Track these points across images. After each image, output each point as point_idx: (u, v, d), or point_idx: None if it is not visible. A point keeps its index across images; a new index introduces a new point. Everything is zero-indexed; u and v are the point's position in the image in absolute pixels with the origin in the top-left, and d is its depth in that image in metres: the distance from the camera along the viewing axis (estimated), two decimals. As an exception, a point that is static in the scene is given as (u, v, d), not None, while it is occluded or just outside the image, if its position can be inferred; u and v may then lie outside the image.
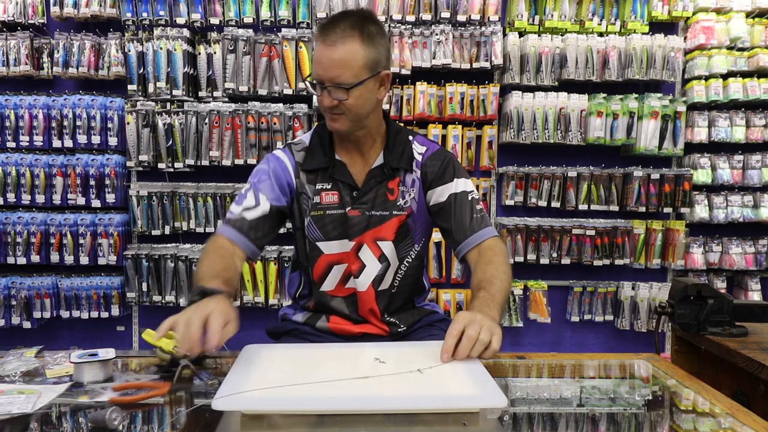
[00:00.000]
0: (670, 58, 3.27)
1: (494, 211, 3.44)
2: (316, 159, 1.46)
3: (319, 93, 1.36)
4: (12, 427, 0.96)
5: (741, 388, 1.35)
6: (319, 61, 1.33)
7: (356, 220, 1.43)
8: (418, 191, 1.48)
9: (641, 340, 3.47)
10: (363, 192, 1.44)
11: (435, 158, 1.48)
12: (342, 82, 1.32)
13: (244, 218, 1.40)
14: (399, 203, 1.45)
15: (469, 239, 1.43)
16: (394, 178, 1.46)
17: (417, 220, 1.48)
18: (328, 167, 1.45)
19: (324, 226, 1.44)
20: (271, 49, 3.20)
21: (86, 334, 3.39)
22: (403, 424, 0.95)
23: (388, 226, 1.44)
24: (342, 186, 1.44)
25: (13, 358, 1.30)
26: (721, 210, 3.36)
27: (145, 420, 1.02)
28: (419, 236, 1.51)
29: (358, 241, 1.44)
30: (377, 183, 1.45)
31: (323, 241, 1.45)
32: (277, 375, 1.13)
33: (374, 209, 1.44)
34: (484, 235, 1.43)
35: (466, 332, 1.10)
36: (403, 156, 1.47)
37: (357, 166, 1.47)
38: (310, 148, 1.48)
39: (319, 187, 1.44)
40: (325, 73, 1.33)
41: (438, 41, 3.20)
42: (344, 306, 1.48)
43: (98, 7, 3.17)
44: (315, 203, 1.44)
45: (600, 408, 1.12)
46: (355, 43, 1.32)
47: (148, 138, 3.19)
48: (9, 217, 3.20)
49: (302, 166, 1.46)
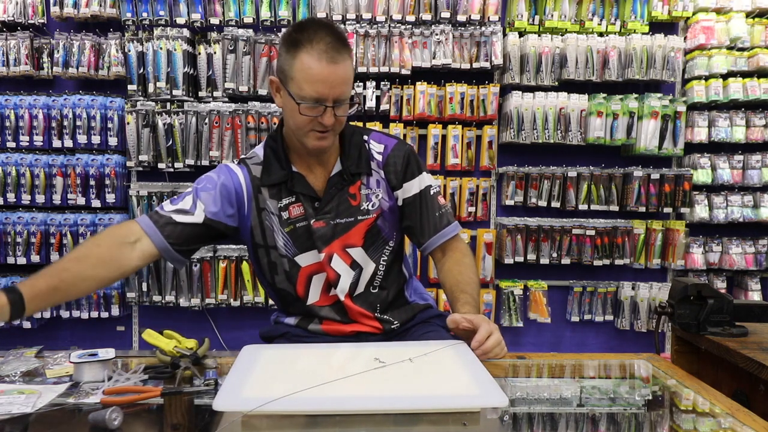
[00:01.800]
0: (670, 58, 3.27)
1: (494, 211, 3.45)
2: (274, 173, 1.40)
3: (318, 113, 1.28)
4: (12, 427, 0.96)
5: (741, 388, 1.35)
6: (323, 80, 1.24)
7: (322, 231, 1.39)
8: (385, 190, 1.45)
9: (641, 340, 3.47)
10: (325, 202, 1.40)
11: (395, 155, 1.46)
12: (345, 99, 1.30)
13: (172, 218, 1.33)
14: (363, 207, 1.42)
15: (434, 238, 1.46)
16: (354, 182, 1.42)
17: (387, 219, 1.46)
18: (286, 180, 1.39)
19: (296, 239, 1.40)
20: (271, 49, 3.20)
21: (86, 334, 3.39)
22: (403, 424, 0.95)
23: (355, 232, 1.42)
24: (303, 198, 1.40)
25: (13, 358, 1.30)
26: (721, 210, 3.36)
27: (146, 420, 1.02)
28: (391, 233, 1.48)
29: (327, 251, 1.40)
30: (338, 190, 1.41)
31: (299, 254, 1.42)
32: (276, 375, 1.13)
33: (338, 217, 1.40)
34: (447, 233, 1.47)
35: (494, 334, 1.24)
36: (361, 159, 1.43)
37: (316, 176, 1.42)
38: (265, 161, 1.42)
39: (286, 201, 1.40)
40: (331, 92, 1.26)
41: (438, 41, 3.20)
42: (334, 313, 1.46)
43: (98, 7, 3.17)
44: (285, 219, 1.40)
45: (600, 408, 1.12)
46: (348, 55, 1.28)
47: (148, 138, 3.19)
48: (9, 217, 3.20)
49: (260, 182, 1.40)
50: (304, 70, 1.25)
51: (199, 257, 3.21)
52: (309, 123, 1.30)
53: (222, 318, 3.45)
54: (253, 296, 3.25)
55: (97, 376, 1.17)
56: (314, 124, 1.30)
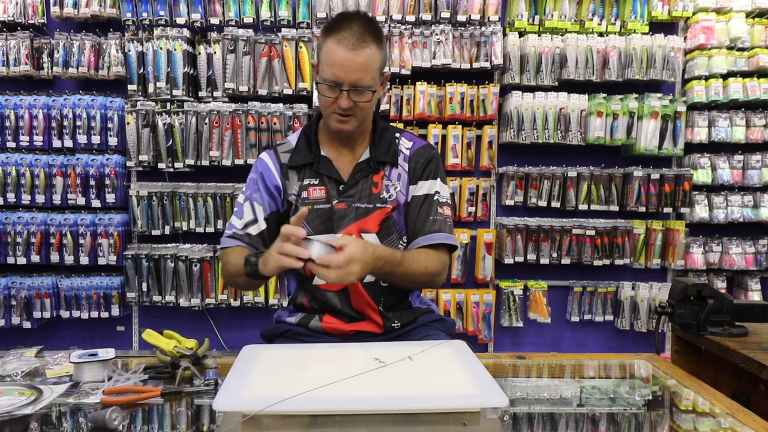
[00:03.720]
0: (670, 58, 3.27)
1: (494, 211, 3.44)
2: (302, 155, 1.50)
3: (335, 95, 1.37)
4: (12, 427, 0.96)
5: (741, 388, 1.35)
6: (340, 64, 1.34)
7: (342, 212, 1.46)
8: (405, 184, 1.51)
9: (641, 340, 3.47)
10: (349, 185, 1.47)
11: (421, 153, 1.53)
12: (363, 85, 1.37)
13: (249, 234, 1.48)
14: (383, 196, 1.48)
15: (419, 239, 1.48)
16: (378, 171, 1.49)
17: (402, 212, 1.51)
18: (313, 163, 1.49)
19: (312, 220, 1.46)
20: (271, 49, 3.20)
21: (86, 334, 3.39)
22: (403, 424, 0.95)
23: (372, 219, 1.47)
24: (328, 180, 1.48)
25: (13, 358, 1.30)
26: (721, 210, 3.36)
27: (146, 420, 1.02)
28: (404, 228, 1.52)
29: (345, 233, 1.45)
30: (363, 177, 1.48)
31: (312, 235, 1.45)
32: (276, 376, 1.13)
33: (359, 201, 1.47)
34: (432, 238, 1.47)
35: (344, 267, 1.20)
36: (389, 151, 1.51)
37: (343, 161, 1.50)
38: (297, 145, 1.53)
39: (306, 182, 1.48)
40: (347, 76, 1.35)
41: (438, 41, 3.20)
42: (337, 300, 1.48)
43: (98, 7, 3.17)
44: (303, 198, 1.48)
45: (600, 408, 1.12)
46: (373, 46, 1.36)
47: (148, 138, 3.19)
48: (9, 217, 3.20)
49: (287, 166, 1.50)
50: (326, 54, 1.37)
51: (199, 257, 3.21)
52: (330, 105, 1.40)
53: (222, 318, 3.45)
54: (253, 296, 3.25)
55: (97, 376, 1.17)
56: (335, 106, 1.39)
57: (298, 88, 3.20)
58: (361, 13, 1.41)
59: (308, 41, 3.20)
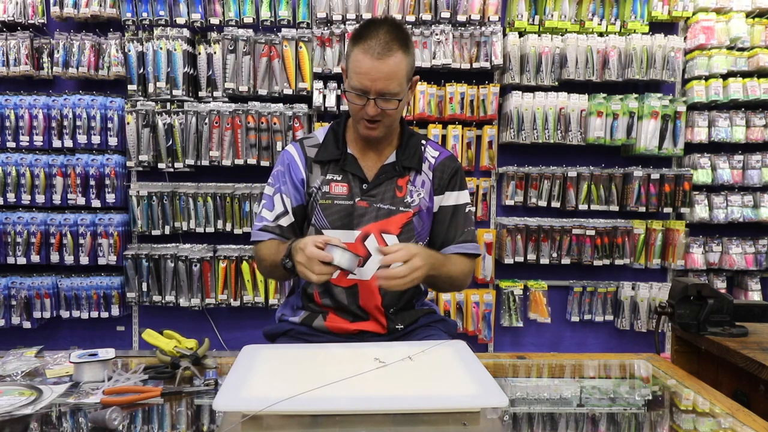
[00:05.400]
0: (670, 58, 3.27)
1: (494, 211, 3.44)
2: (329, 151, 1.52)
3: (362, 102, 1.39)
4: (12, 427, 0.96)
5: (741, 388, 1.35)
6: (366, 72, 1.35)
7: (363, 210, 1.47)
8: (428, 192, 1.53)
9: (641, 340, 3.47)
10: (373, 185, 1.49)
11: (447, 164, 1.55)
12: (389, 93, 1.38)
13: (281, 226, 1.50)
14: (407, 200, 1.50)
15: (453, 246, 1.52)
16: (404, 176, 1.51)
17: (424, 219, 1.52)
18: (339, 159, 1.50)
19: (331, 215, 1.47)
20: (271, 49, 3.20)
21: (86, 334, 3.39)
22: (403, 424, 0.95)
23: (394, 221, 1.48)
24: (352, 178, 1.49)
25: (13, 358, 1.30)
26: (721, 210, 3.36)
27: (146, 420, 1.02)
28: (423, 236, 1.54)
29: (364, 230, 1.46)
30: (387, 179, 1.50)
31: (328, 229, 1.47)
32: (276, 375, 1.13)
33: (382, 202, 1.48)
34: (467, 248, 1.52)
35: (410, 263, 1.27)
36: (415, 157, 1.52)
37: (369, 161, 1.52)
38: (324, 140, 1.54)
39: (329, 177, 1.50)
40: (373, 85, 1.36)
41: (438, 41, 3.20)
42: (344, 297, 1.48)
43: (98, 7, 3.17)
44: (324, 192, 1.49)
45: (600, 408, 1.12)
46: (399, 54, 1.36)
47: (148, 138, 3.19)
48: (9, 217, 3.20)
49: (314, 159, 1.52)
50: (353, 62, 1.38)
51: (199, 257, 3.21)
52: (358, 111, 1.42)
53: (222, 318, 3.45)
54: (253, 296, 3.25)
55: (97, 376, 1.17)
56: (363, 113, 1.41)
57: (298, 88, 3.20)
58: (388, 19, 1.41)
59: (308, 41, 3.20)
